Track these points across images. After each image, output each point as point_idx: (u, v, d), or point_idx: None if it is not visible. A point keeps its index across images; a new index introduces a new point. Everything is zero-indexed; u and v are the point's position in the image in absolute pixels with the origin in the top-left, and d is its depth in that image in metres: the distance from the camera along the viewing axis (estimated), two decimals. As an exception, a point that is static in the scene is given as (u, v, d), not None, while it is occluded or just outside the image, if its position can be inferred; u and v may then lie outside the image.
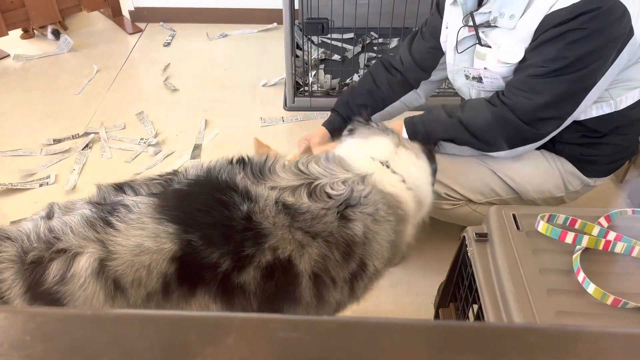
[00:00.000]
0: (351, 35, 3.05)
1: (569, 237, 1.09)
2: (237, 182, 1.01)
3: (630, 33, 1.28)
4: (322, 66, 2.85)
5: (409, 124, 1.53)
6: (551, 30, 1.28)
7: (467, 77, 1.52)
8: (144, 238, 0.91)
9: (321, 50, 2.95)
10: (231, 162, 1.06)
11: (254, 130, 2.51)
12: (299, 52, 2.73)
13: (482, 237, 1.18)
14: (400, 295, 1.77)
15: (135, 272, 0.91)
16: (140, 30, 3.36)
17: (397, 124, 1.54)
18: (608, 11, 1.22)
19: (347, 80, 2.75)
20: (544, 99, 1.33)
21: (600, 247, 1.10)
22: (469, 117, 1.44)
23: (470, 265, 1.17)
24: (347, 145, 1.27)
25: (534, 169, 1.53)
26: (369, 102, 1.76)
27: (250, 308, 0.99)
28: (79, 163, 2.28)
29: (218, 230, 0.94)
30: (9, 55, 3.08)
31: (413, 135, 1.49)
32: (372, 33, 3.08)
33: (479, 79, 1.49)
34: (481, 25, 1.42)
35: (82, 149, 2.36)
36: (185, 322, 0.38)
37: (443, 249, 1.87)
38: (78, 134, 2.45)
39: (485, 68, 1.45)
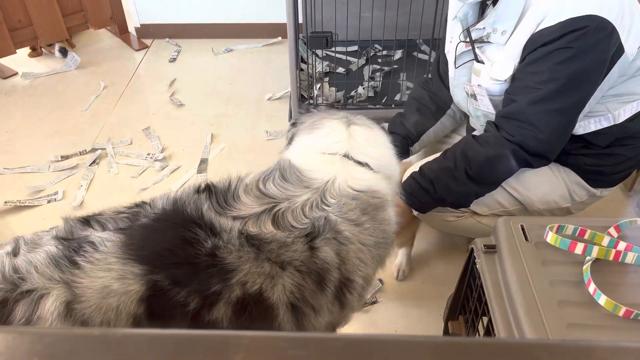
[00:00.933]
0: (355, 48, 3.07)
1: (579, 248, 1.08)
2: (202, 214, 0.97)
3: (619, 50, 1.27)
4: (326, 79, 2.86)
5: (417, 205, 1.53)
6: (540, 49, 1.28)
7: (467, 94, 1.52)
8: (111, 280, 0.89)
9: (325, 63, 2.96)
10: (198, 191, 1.02)
11: (259, 143, 2.52)
12: (303, 66, 2.75)
13: (491, 249, 1.17)
14: (409, 308, 1.75)
15: (103, 314, 0.89)
16: (146, 47, 3.40)
17: (404, 208, 1.53)
18: (595, 30, 1.22)
19: (352, 93, 2.76)
20: (547, 132, 1.34)
21: (611, 258, 1.08)
22: (481, 176, 1.43)
23: (479, 277, 1.16)
24: (297, 147, 1.17)
25: (539, 179, 1.52)
26: (420, 120, 1.78)
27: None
28: (86, 179, 2.29)
29: (183, 269, 0.92)
30: (17, 74, 3.12)
31: (420, 209, 1.53)
32: (376, 45, 3.09)
33: (474, 96, 1.50)
34: (476, 40, 1.42)
35: (90, 165, 2.37)
36: (193, 341, 0.38)
37: (451, 261, 1.86)
38: (85, 150, 2.47)
39: (479, 85, 1.45)
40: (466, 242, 1.90)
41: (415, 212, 1.56)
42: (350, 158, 1.11)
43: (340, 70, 2.97)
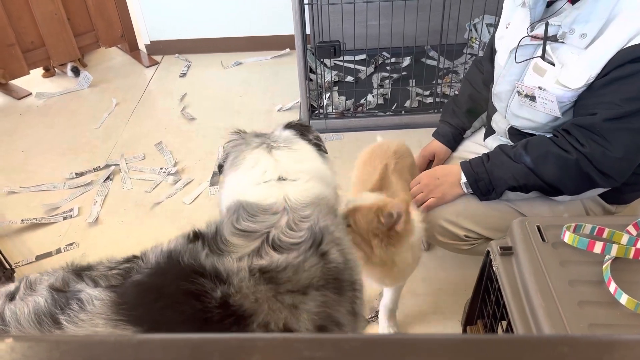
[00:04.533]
0: (363, 56, 3.08)
1: (598, 247, 1.06)
2: (202, 262, 0.88)
3: None
4: (335, 88, 2.87)
5: (468, 170, 1.44)
6: (629, 65, 1.19)
7: (519, 93, 1.41)
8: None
9: (334, 72, 2.97)
10: (189, 239, 0.93)
11: (271, 154, 2.53)
12: (312, 76, 2.76)
13: (507, 251, 1.15)
14: (427, 315, 1.73)
15: None
16: (156, 63, 3.44)
17: (455, 169, 1.48)
18: None
19: (362, 101, 2.76)
20: (620, 151, 1.24)
21: (631, 256, 1.06)
22: (539, 163, 1.33)
23: (496, 280, 1.15)
24: (234, 188, 1.11)
25: (552, 200, 1.46)
26: (472, 107, 1.74)
27: None
28: (100, 195, 2.32)
29: (191, 327, 0.81)
30: (31, 94, 3.17)
31: (475, 183, 1.42)
32: (384, 53, 3.10)
33: (532, 98, 1.37)
34: (548, 38, 1.29)
35: (104, 181, 2.40)
36: (207, 344, 0.38)
37: (467, 264, 1.84)
38: (99, 166, 2.49)
39: (539, 87, 1.33)
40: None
41: (465, 189, 1.46)
42: (285, 179, 1.07)
43: (349, 79, 2.98)
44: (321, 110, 2.69)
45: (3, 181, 2.45)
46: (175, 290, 0.84)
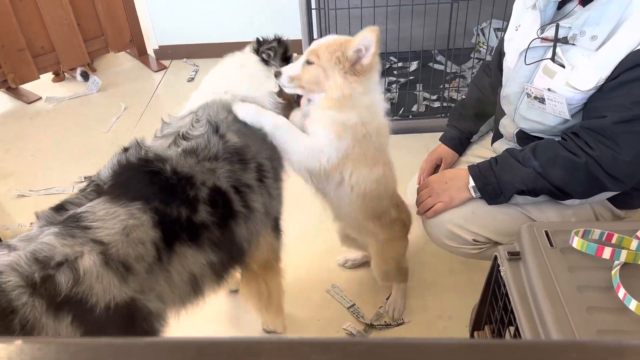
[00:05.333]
0: (370, 60, 3.08)
1: (606, 253, 1.05)
2: (145, 156, 1.18)
3: None
4: (343, 93, 2.87)
5: (477, 173, 1.44)
6: (639, 68, 1.18)
7: (528, 95, 1.40)
8: (125, 221, 1.05)
9: (341, 77, 2.98)
10: (121, 150, 1.22)
11: (278, 158, 2.53)
12: (319, 80, 2.76)
13: (515, 256, 1.15)
14: (433, 319, 1.73)
15: (134, 249, 1.04)
16: (164, 68, 3.46)
17: (462, 173, 1.48)
18: None
19: (369, 105, 2.76)
20: (630, 154, 1.23)
21: (640, 262, 1.05)
22: (547, 167, 1.32)
23: (504, 286, 1.14)
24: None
25: (561, 204, 1.45)
26: (480, 111, 1.73)
27: (215, 237, 1.19)
28: (109, 199, 2.33)
29: (166, 191, 1.13)
30: (41, 98, 3.20)
31: (483, 187, 1.42)
32: (391, 57, 3.10)
33: (542, 100, 1.36)
34: (558, 40, 1.29)
35: (112, 185, 2.41)
36: (214, 347, 0.38)
37: (475, 269, 1.83)
38: (107, 170, 2.51)
39: (549, 89, 1.32)
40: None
41: (473, 193, 1.45)
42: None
43: (356, 83, 2.98)
44: (328, 115, 2.69)
45: (13, 184, 2.48)
46: (142, 174, 1.14)
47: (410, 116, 2.68)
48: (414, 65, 3.04)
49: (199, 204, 1.16)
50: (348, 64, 1.29)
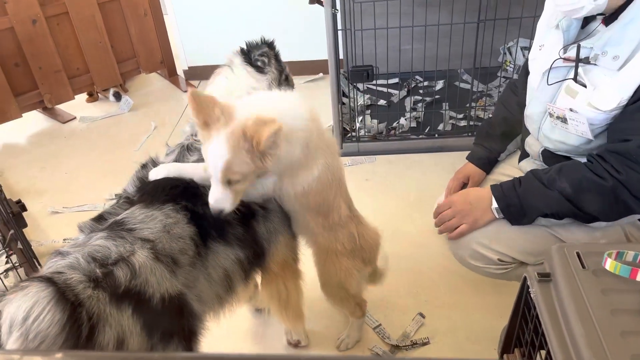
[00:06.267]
0: (396, 80, 3.10)
1: (641, 275, 1.02)
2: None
3: None
4: (368, 112, 2.89)
5: (500, 195, 1.41)
6: None
7: (551, 115, 1.40)
8: (163, 220, 1.14)
9: (367, 96, 3.00)
10: (141, 166, 1.31)
11: (304, 177, 2.54)
12: (344, 100, 2.79)
13: (545, 277, 1.13)
14: (461, 342, 1.70)
15: (177, 241, 1.13)
16: (193, 88, 3.54)
17: (486, 194, 1.44)
18: None
19: (394, 124, 2.77)
20: None
21: (677, 285, 1.02)
22: (573, 189, 1.30)
23: (534, 307, 1.12)
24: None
25: (590, 225, 1.42)
26: (507, 129, 1.72)
27: (239, 234, 1.25)
28: (138, 216, 2.38)
29: (188, 194, 1.21)
30: (75, 118, 3.31)
31: (506, 209, 1.40)
32: (417, 77, 3.11)
33: (564, 120, 1.36)
34: (580, 60, 1.29)
35: (142, 202, 2.46)
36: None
37: (502, 290, 1.80)
38: (137, 188, 2.57)
39: (571, 109, 1.32)
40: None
41: (497, 214, 1.43)
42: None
43: (382, 102, 2.99)
44: (354, 134, 2.71)
45: (47, 201, 2.55)
46: (165, 182, 1.22)
47: (436, 135, 2.67)
48: (439, 84, 3.04)
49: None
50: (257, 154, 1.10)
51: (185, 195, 1.20)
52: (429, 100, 2.93)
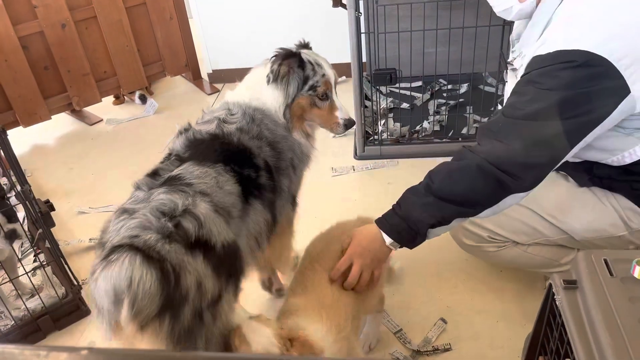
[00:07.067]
0: (419, 83, 3.08)
1: (671, 284, 1.00)
2: (210, 132, 1.43)
3: (622, 90, 1.17)
4: (391, 115, 2.88)
5: (387, 227, 1.36)
6: (534, 72, 1.25)
7: None
8: (216, 177, 1.29)
9: (390, 99, 2.99)
10: (186, 129, 1.46)
11: (326, 180, 2.55)
12: (367, 103, 2.79)
13: (571, 284, 1.10)
14: (484, 349, 1.67)
15: (229, 197, 1.29)
16: (217, 91, 3.58)
17: (374, 231, 1.37)
18: (582, 66, 1.16)
19: (417, 127, 2.75)
20: (518, 144, 1.23)
21: None
22: (445, 187, 1.30)
23: (560, 315, 1.10)
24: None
25: (581, 206, 1.43)
26: None
27: (270, 199, 1.44)
28: (162, 217, 2.41)
29: (236, 158, 1.38)
30: (102, 120, 3.38)
31: (398, 237, 1.35)
32: (440, 80, 3.09)
33: None
34: (509, 63, 1.46)
35: (165, 204, 2.50)
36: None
37: (527, 298, 1.77)
38: (162, 189, 2.60)
39: None
40: (543, 279, 1.81)
41: (393, 247, 1.38)
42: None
43: (405, 105, 2.98)
44: (376, 137, 2.70)
45: (75, 202, 2.61)
46: (216, 145, 1.39)
47: (460, 139, 2.64)
48: (464, 88, 3.01)
49: (260, 170, 1.42)
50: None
51: (233, 159, 1.36)
52: (452, 104, 2.90)
